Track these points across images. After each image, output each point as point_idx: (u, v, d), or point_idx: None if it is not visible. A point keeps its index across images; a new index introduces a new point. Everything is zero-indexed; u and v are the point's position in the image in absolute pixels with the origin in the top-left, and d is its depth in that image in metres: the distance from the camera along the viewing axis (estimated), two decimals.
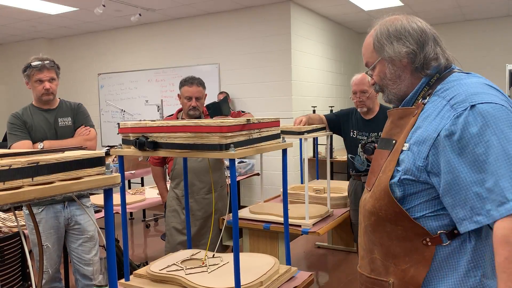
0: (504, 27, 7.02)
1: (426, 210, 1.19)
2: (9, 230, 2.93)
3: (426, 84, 1.29)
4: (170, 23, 6.76)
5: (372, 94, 2.99)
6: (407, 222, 1.19)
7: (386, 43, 1.29)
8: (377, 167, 1.31)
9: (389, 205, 1.20)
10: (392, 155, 1.25)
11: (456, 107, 1.14)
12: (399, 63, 1.29)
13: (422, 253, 1.18)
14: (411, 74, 1.30)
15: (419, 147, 1.18)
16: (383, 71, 1.33)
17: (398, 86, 1.32)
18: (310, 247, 4.76)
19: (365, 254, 1.34)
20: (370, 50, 1.35)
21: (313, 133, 2.92)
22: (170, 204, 3.03)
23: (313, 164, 5.86)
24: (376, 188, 1.26)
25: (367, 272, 1.33)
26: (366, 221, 1.31)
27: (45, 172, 0.96)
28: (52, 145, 2.61)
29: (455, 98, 1.16)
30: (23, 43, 8.11)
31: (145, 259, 4.47)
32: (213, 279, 1.74)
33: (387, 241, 1.24)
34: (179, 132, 1.64)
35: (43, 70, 2.60)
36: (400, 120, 1.31)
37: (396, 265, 1.23)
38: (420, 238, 1.18)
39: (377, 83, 1.38)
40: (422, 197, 1.19)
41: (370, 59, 1.36)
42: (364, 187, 3.48)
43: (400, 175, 1.20)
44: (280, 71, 5.96)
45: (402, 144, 1.23)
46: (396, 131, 1.30)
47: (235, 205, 1.68)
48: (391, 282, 1.24)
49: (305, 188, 2.80)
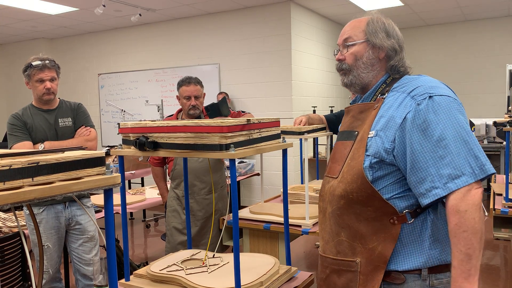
0: (504, 27, 7.02)
1: (394, 192, 1.32)
2: (9, 230, 2.93)
3: (383, 82, 1.43)
4: (170, 23, 6.76)
5: None
6: (377, 202, 1.30)
7: (379, 31, 1.42)
8: (341, 156, 1.41)
9: (361, 187, 1.31)
10: (359, 143, 1.37)
11: (417, 97, 1.30)
12: (377, 53, 1.42)
13: (390, 231, 1.30)
14: (381, 69, 1.44)
15: (386, 132, 1.31)
16: (361, 53, 1.43)
17: (367, 73, 1.44)
18: (310, 247, 4.76)
19: (330, 238, 1.43)
20: (359, 29, 1.45)
21: (313, 133, 2.92)
22: (171, 204, 3.03)
23: (313, 164, 5.86)
24: (347, 174, 1.35)
25: (332, 255, 1.41)
26: (334, 205, 1.40)
27: (45, 172, 0.96)
28: (53, 145, 2.61)
29: (414, 91, 1.32)
30: (23, 43, 8.11)
31: (145, 259, 4.47)
32: (213, 279, 1.74)
33: (355, 222, 1.34)
34: (179, 132, 1.64)
35: (44, 70, 2.60)
36: (360, 114, 1.43)
37: (363, 245, 1.33)
38: (388, 217, 1.30)
39: (347, 62, 1.45)
40: (390, 179, 1.32)
41: (355, 36, 1.45)
42: None
43: (370, 159, 1.32)
44: (280, 71, 5.96)
45: (368, 132, 1.35)
46: (358, 123, 1.42)
47: (235, 205, 1.68)
48: (358, 261, 1.34)
49: (305, 188, 2.80)
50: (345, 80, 1.47)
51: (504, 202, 2.87)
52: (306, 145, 2.97)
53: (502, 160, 6.23)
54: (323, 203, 1.47)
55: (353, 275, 1.34)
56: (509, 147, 2.95)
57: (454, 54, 7.42)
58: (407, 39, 7.60)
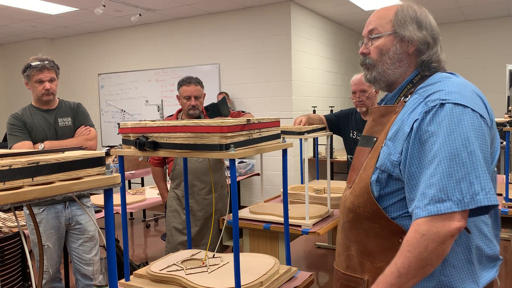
0: (504, 27, 7.02)
1: (403, 210, 1.18)
2: (9, 230, 2.93)
3: (410, 81, 1.27)
4: (170, 23, 6.76)
5: (371, 94, 2.99)
6: (384, 220, 1.18)
7: (409, 22, 1.25)
8: (358, 164, 1.30)
9: (367, 203, 1.20)
10: (373, 152, 1.24)
11: (428, 104, 1.14)
12: (406, 48, 1.26)
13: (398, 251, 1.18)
14: (410, 65, 1.28)
15: (394, 142, 1.18)
16: (387, 47, 1.27)
17: (394, 70, 1.28)
18: (310, 247, 4.76)
19: (342, 251, 1.33)
20: (386, 19, 1.27)
21: (313, 133, 2.92)
22: (171, 204, 3.03)
23: (313, 164, 5.86)
24: (357, 185, 1.25)
25: (342, 269, 1.32)
26: (344, 217, 1.30)
27: (45, 172, 0.96)
28: (53, 145, 2.61)
29: (431, 96, 1.16)
30: (23, 43, 8.11)
31: (145, 259, 4.47)
32: (213, 279, 1.74)
33: (364, 238, 1.23)
34: (179, 132, 1.64)
35: (43, 71, 2.60)
36: (382, 118, 1.29)
37: (372, 263, 1.22)
38: (396, 236, 1.18)
39: (371, 57, 1.30)
40: (399, 196, 1.19)
41: (381, 28, 1.28)
42: None
43: (378, 174, 1.20)
44: (280, 71, 5.96)
45: (383, 141, 1.22)
46: (378, 128, 1.28)
47: (235, 205, 1.68)
48: (366, 279, 1.23)
49: (305, 188, 2.80)
50: (368, 76, 1.32)
51: (504, 202, 2.87)
52: (306, 145, 2.97)
53: (502, 160, 6.23)
54: (340, 212, 1.37)
55: None
56: (509, 147, 2.95)
57: (454, 54, 7.42)
58: None
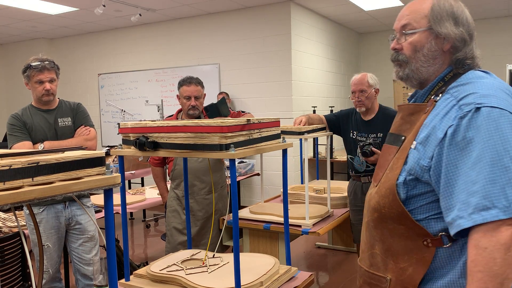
0: (504, 27, 7.02)
1: (429, 212, 1.16)
2: (9, 230, 2.93)
3: (441, 79, 1.23)
4: (170, 23, 6.76)
5: (370, 94, 2.99)
6: (409, 222, 1.17)
7: (445, 17, 1.21)
8: (385, 163, 1.27)
9: (393, 204, 1.18)
10: (401, 152, 1.21)
11: (463, 108, 1.10)
12: (441, 45, 1.22)
13: (423, 253, 1.17)
14: (443, 62, 1.24)
15: (425, 147, 1.15)
16: (421, 43, 1.22)
17: (427, 67, 1.23)
18: (310, 247, 4.76)
19: (366, 248, 1.32)
20: (421, 15, 1.23)
21: (313, 133, 2.92)
22: (171, 204, 3.03)
23: (313, 164, 5.86)
24: (383, 185, 1.22)
25: (366, 266, 1.31)
26: (369, 216, 1.28)
27: (45, 172, 0.96)
28: (53, 145, 2.61)
29: (464, 99, 1.12)
30: (23, 43, 8.11)
31: (145, 259, 4.47)
32: (213, 279, 1.74)
33: (389, 238, 1.22)
34: (179, 132, 1.64)
35: (43, 71, 2.60)
36: (410, 116, 1.25)
37: (395, 263, 1.21)
38: (421, 238, 1.16)
39: (405, 53, 1.25)
40: (426, 199, 1.16)
41: (415, 23, 1.23)
42: (364, 188, 3.48)
43: (405, 176, 1.17)
44: (280, 71, 5.96)
45: (411, 142, 1.19)
46: (406, 127, 1.25)
47: (235, 205, 1.68)
48: (388, 278, 1.22)
49: (305, 188, 2.80)
50: (401, 73, 1.28)
51: None
52: (306, 145, 2.97)
53: None
54: (365, 210, 1.36)
55: None
56: None
57: None
58: None
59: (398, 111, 1.33)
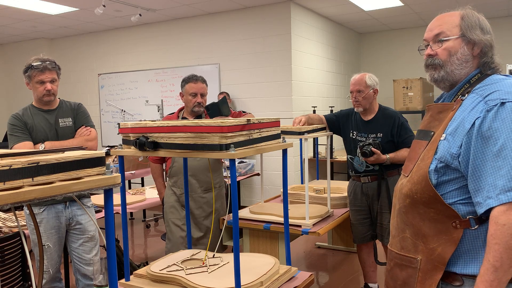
0: (504, 27, 7.02)
1: (458, 197, 1.31)
2: (9, 230, 2.93)
3: (467, 81, 1.40)
4: (170, 23, 6.76)
5: (368, 94, 2.99)
6: (440, 205, 1.31)
7: (475, 26, 1.40)
8: (415, 156, 1.43)
9: (425, 189, 1.33)
10: (431, 144, 1.37)
11: (489, 103, 1.27)
12: (471, 50, 1.41)
13: (451, 234, 1.30)
14: (472, 66, 1.42)
15: (454, 136, 1.31)
16: (455, 49, 1.40)
17: (460, 70, 1.41)
18: (310, 247, 4.76)
19: (397, 233, 1.46)
20: (452, 24, 1.41)
21: (313, 133, 2.92)
22: (168, 201, 3.03)
23: (313, 164, 5.86)
24: (415, 174, 1.37)
25: (397, 249, 1.45)
26: (401, 203, 1.42)
27: (45, 172, 0.96)
28: (53, 145, 2.61)
29: (490, 95, 1.29)
30: (23, 43, 8.11)
31: (145, 259, 4.47)
32: (213, 279, 1.74)
33: (419, 221, 1.36)
34: (179, 132, 1.64)
35: (44, 71, 2.60)
36: (439, 114, 1.42)
37: (425, 244, 1.35)
38: (450, 220, 1.30)
39: (440, 57, 1.42)
40: (455, 185, 1.31)
41: (448, 31, 1.41)
42: (364, 188, 3.48)
43: (437, 163, 1.32)
44: (280, 71, 5.96)
45: (441, 135, 1.35)
46: (435, 124, 1.42)
47: (235, 205, 1.68)
48: (419, 259, 1.36)
49: (305, 188, 2.80)
50: (435, 75, 1.44)
51: None
52: (306, 145, 2.97)
53: None
54: (394, 199, 1.51)
55: (413, 271, 1.37)
56: None
57: None
58: (407, 39, 7.61)
59: (427, 111, 1.51)
